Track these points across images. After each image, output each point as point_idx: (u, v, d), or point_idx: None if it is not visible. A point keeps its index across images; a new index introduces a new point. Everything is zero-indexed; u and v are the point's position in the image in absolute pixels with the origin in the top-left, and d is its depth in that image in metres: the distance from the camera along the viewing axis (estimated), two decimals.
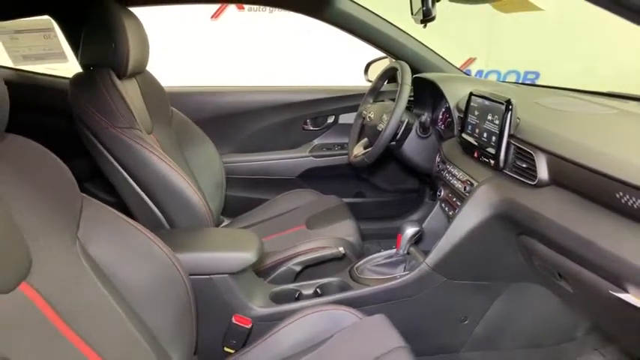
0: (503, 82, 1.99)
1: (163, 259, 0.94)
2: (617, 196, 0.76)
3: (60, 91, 1.65)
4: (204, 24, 3.95)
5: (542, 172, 0.95)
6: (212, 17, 4.04)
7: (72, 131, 1.25)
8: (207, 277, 1.11)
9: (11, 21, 1.66)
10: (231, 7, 4.01)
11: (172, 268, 0.94)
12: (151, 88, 1.48)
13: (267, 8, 4.00)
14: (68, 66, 1.78)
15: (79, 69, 1.38)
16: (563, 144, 0.91)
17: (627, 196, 0.75)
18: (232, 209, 1.81)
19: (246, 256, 1.12)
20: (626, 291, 0.74)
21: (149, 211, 1.26)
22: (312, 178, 1.99)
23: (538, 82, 3.85)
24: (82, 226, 0.84)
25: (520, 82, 3.89)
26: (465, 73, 2.00)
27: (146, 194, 1.25)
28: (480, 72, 3.94)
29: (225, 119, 1.88)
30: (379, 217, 2.07)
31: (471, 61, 3.95)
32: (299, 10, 1.79)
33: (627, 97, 1.31)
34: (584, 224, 0.82)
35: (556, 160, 0.92)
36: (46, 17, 1.61)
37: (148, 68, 1.47)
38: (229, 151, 1.92)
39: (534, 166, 0.97)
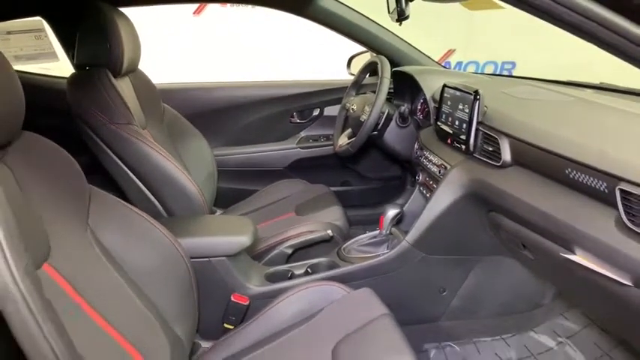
0: (478, 73, 2.10)
1: (166, 244, 1.02)
2: (567, 172, 0.88)
3: (56, 90, 1.71)
4: (186, 20, 3.96)
5: (506, 154, 1.07)
6: (194, 13, 4.05)
7: (67, 130, 1.31)
8: (207, 259, 1.21)
9: (2, 22, 1.71)
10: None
11: (175, 251, 1.03)
12: (143, 85, 1.56)
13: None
14: (60, 65, 1.83)
15: (69, 67, 1.44)
16: (523, 128, 1.03)
17: (574, 172, 0.87)
18: (224, 200, 1.90)
19: (242, 240, 1.22)
20: (574, 253, 0.86)
21: (148, 202, 1.35)
22: (299, 168, 2.08)
23: (514, 72, 4.00)
24: (91, 214, 0.92)
25: (497, 72, 4.03)
26: (442, 65, 2.11)
27: (145, 185, 1.33)
28: (459, 63, 4.06)
29: (215, 114, 1.96)
30: (364, 204, 2.18)
31: (450, 52, 4.07)
32: (282, 7, 1.87)
33: (585, 85, 1.44)
34: (541, 198, 0.94)
35: (517, 143, 1.04)
36: (37, 18, 1.66)
37: None
38: (220, 145, 2.00)
39: (499, 149, 1.09)
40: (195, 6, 4.03)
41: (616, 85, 1.41)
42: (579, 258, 0.84)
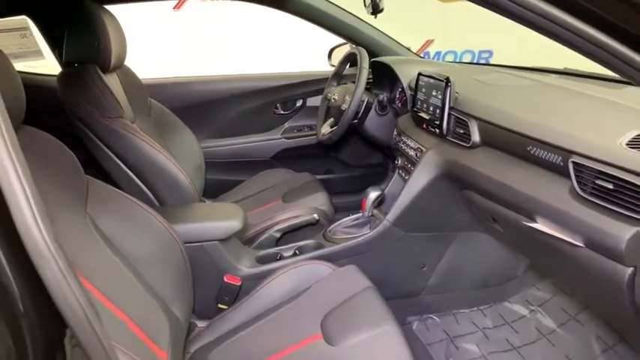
0: (455, 62, 2.18)
1: (161, 230, 1.08)
2: (528, 149, 0.98)
3: (44, 88, 1.74)
4: (166, 15, 3.95)
5: (475, 136, 1.16)
6: (174, 8, 4.03)
7: (58, 126, 1.35)
8: (200, 244, 1.27)
9: None
10: None
11: (169, 237, 1.09)
12: (130, 81, 1.60)
13: None
14: (46, 63, 1.86)
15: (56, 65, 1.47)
16: (489, 111, 1.12)
17: (535, 149, 0.96)
18: (212, 191, 1.96)
19: (233, 224, 1.29)
20: (535, 221, 0.95)
21: (140, 192, 1.40)
22: (284, 158, 2.15)
23: (491, 60, 4.10)
24: (90, 203, 0.97)
25: (475, 60, 4.13)
26: (420, 55, 2.19)
27: (137, 176, 1.39)
28: (438, 53, 4.14)
29: (200, 107, 2.01)
30: (348, 190, 2.25)
31: (429, 42, 4.15)
32: (262, 2, 1.93)
33: (550, 70, 1.54)
34: (506, 174, 1.03)
35: (485, 125, 1.13)
36: (22, 17, 1.68)
37: None
38: (206, 137, 2.05)
39: (469, 131, 1.18)
40: (175, 0, 4.01)
41: (579, 70, 1.51)
42: (540, 225, 0.94)
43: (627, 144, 0.81)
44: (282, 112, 2.15)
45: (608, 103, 1.02)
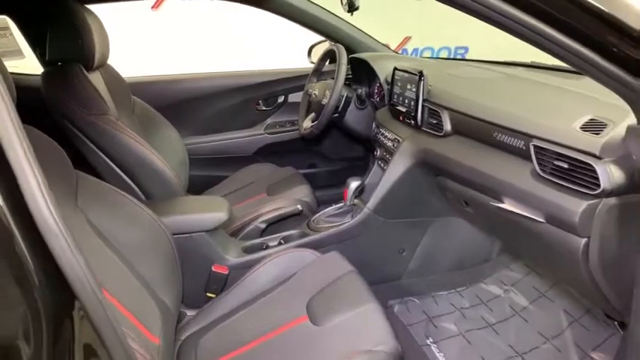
0: (431, 58, 2.26)
1: (150, 222, 1.12)
2: (494, 135, 1.05)
3: (25, 87, 1.74)
4: (145, 14, 3.93)
5: (447, 125, 1.24)
6: (153, 7, 4.01)
7: (42, 125, 1.37)
8: (188, 235, 1.32)
9: None
10: None
11: (158, 229, 1.13)
12: (113, 79, 1.63)
13: None
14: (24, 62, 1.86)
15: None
16: (459, 102, 1.20)
17: (500, 135, 1.04)
18: (196, 187, 1.99)
19: (219, 215, 1.34)
20: (502, 201, 1.03)
21: (127, 187, 1.44)
22: (267, 153, 2.19)
23: (467, 56, 4.21)
24: (80, 197, 1.01)
25: (451, 56, 4.24)
26: (395, 52, 2.26)
27: (123, 172, 1.42)
28: (416, 49, 4.23)
29: (183, 105, 2.04)
30: (331, 184, 2.31)
31: (407, 39, 4.24)
32: (242, 0, 1.97)
33: (518, 64, 1.62)
34: (475, 159, 1.11)
35: (455, 114, 1.20)
36: (2, 16, 1.69)
37: None
38: (189, 134, 2.08)
39: (441, 121, 1.25)
40: (153, 0, 3.99)
41: (544, 63, 1.60)
42: (506, 205, 1.02)
43: (581, 127, 0.89)
44: (264, 108, 2.20)
45: (566, 92, 1.11)
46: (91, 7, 1.47)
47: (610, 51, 0.69)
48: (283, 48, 3.31)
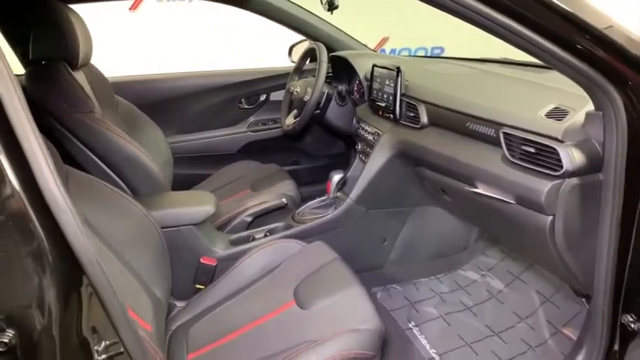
0: (408, 56, 2.34)
1: (140, 216, 1.15)
2: (467, 125, 1.12)
3: None
4: (122, 16, 3.89)
5: (424, 118, 1.31)
6: (130, 9, 3.98)
7: None
8: (176, 228, 1.35)
9: None
10: None
11: (148, 223, 1.16)
12: (96, 78, 1.64)
13: None
14: None
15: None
16: (435, 95, 1.27)
17: (472, 124, 1.11)
18: (180, 185, 2.00)
19: (207, 209, 1.37)
20: (475, 186, 1.10)
21: (114, 184, 1.45)
22: (250, 151, 2.23)
23: (443, 56, 4.33)
24: (70, 191, 1.03)
25: (428, 55, 4.35)
26: (373, 50, 2.33)
27: (110, 168, 1.44)
28: (393, 50, 4.32)
29: (166, 104, 2.06)
30: (314, 180, 2.36)
31: (385, 40, 4.33)
32: (223, 0, 2.00)
33: (490, 60, 1.71)
34: (450, 148, 1.18)
35: (431, 107, 1.27)
36: None
37: None
38: (172, 133, 2.10)
39: (418, 114, 1.32)
40: (131, 1, 3.96)
41: (515, 59, 1.69)
42: (480, 189, 1.09)
43: (545, 115, 0.97)
44: (246, 106, 2.23)
45: (533, 84, 1.19)
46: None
47: (574, 46, 0.77)
48: (262, 48, 3.35)
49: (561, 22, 0.75)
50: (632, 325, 0.94)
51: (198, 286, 1.39)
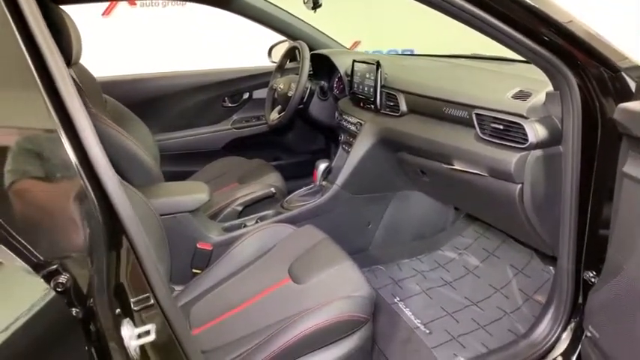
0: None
1: (140, 204, 1.21)
2: (443, 109, 1.24)
3: None
4: (95, 22, 3.88)
5: (403, 106, 1.42)
6: (103, 14, 3.97)
7: None
8: (173, 215, 1.41)
9: None
10: (123, 3, 3.98)
11: (148, 210, 1.22)
12: (85, 77, 1.68)
13: (160, 2, 4.06)
14: None
15: None
16: (412, 85, 1.39)
17: (448, 109, 1.23)
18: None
19: (201, 196, 1.44)
20: (452, 164, 1.22)
21: None
22: (235, 148, 2.30)
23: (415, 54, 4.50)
24: None
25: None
26: (350, 50, 2.45)
27: None
28: (366, 52, 4.46)
29: (152, 102, 2.11)
30: (296, 176, 2.44)
31: (357, 43, 4.47)
32: (203, 1, 2.07)
33: (461, 56, 1.85)
34: (428, 131, 1.30)
35: (410, 96, 1.39)
36: None
37: None
38: (158, 131, 2.14)
39: (398, 103, 1.44)
40: (104, 7, 3.96)
41: (484, 54, 1.83)
42: (456, 165, 1.21)
43: (512, 96, 1.10)
44: (230, 104, 2.30)
45: (501, 74, 1.33)
46: None
47: (537, 35, 0.90)
48: (238, 51, 3.41)
49: (527, 15, 0.88)
50: (593, 280, 1.07)
51: (195, 270, 1.45)
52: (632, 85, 0.89)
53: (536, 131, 1.01)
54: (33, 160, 0.60)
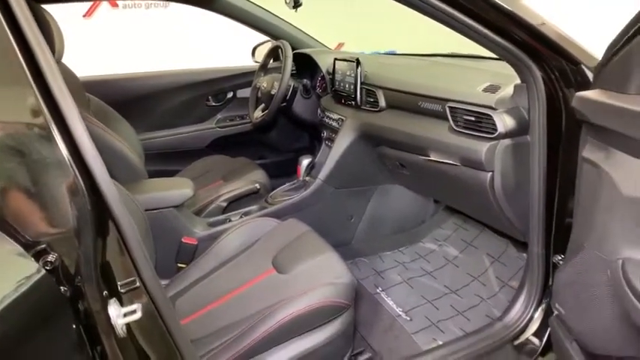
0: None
1: (126, 199, 1.23)
2: (419, 104, 1.30)
3: None
4: (76, 23, 3.85)
5: (382, 102, 1.48)
6: (84, 16, 3.94)
7: None
8: (158, 211, 1.43)
9: None
10: (104, 5, 3.96)
11: (132, 205, 1.24)
12: (67, 76, 1.70)
13: (143, 4, 4.06)
14: None
15: None
16: (391, 81, 1.44)
17: (424, 103, 1.28)
18: None
19: (186, 192, 1.47)
20: (428, 155, 1.28)
21: None
22: (219, 147, 2.32)
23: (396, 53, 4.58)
24: None
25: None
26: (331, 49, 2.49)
27: None
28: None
29: (136, 102, 2.12)
30: (281, 174, 2.47)
31: (340, 45, 4.53)
32: (186, 1, 2.10)
33: (440, 55, 1.91)
34: (406, 125, 1.35)
35: (388, 92, 1.44)
36: None
37: None
38: (142, 130, 2.16)
39: (377, 99, 1.49)
40: (86, 8, 3.93)
41: (461, 53, 1.90)
42: (432, 157, 1.26)
43: (482, 90, 1.15)
44: (213, 103, 2.33)
45: (474, 69, 1.39)
46: None
47: (513, 37, 0.96)
48: (222, 53, 3.44)
49: (498, 16, 0.93)
50: (562, 263, 1.13)
51: (180, 264, 1.47)
52: (591, 76, 0.95)
53: (504, 121, 1.07)
54: (23, 148, 0.63)
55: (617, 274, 0.77)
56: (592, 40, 1.02)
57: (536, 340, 1.21)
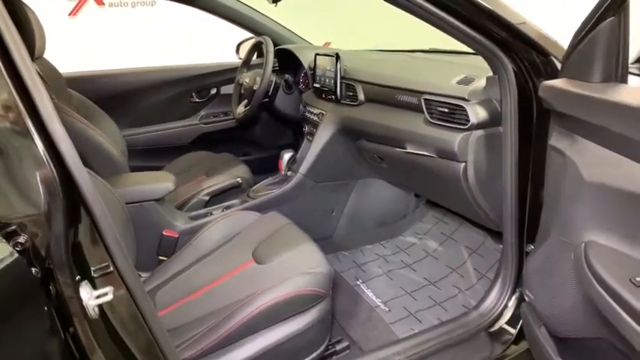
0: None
1: (105, 192, 1.23)
2: (396, 97, 1.32)
3: None
4: (61, 21, 3.82)
5: (361, 96, 1.50)
6: (70, 14, 3.91)
7: None
8: (139, 204, 1.43)
9: None
10: (90, 3, 3.94)
11: (112, 198, 1.24)
12: (50, 72, 1.69)
13: (129, 3, 4.03)
14: None
15: None
16: (369, 75, 1.46)
17: (400, 96, 1.31)
18: None
19: (167, 185, 1.47)
20: (405, 148, 1.30)
21: None
22: (203, 143, 2.32)
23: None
24: None
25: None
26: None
27: None
28: None
29: (119, 98, 2.11)
30: (265, 170, 2.48)
31: (327, 44, 4.56)
32: None
33: (420, 50, 1.94)
34: (384, 118, 1.37)
35: (367, 86, 1.47)
36: None
37: None
38: (125, 126, 2.15)
39: (356, 93, 1.51)
40: (71, 7, 3.90)
41: (442, 48, 1.92)
42: (409, 149, 1.29)
43: (457, 82, 1.18)
44: (197, 100, 2.33)
45: (450, 63, 1.42)
46: None
47: (491, 34, 0.98)
48: (208, 51, 3.44)
49: (486, 17, 0.96)
50: (532, 250, 1.16)
51: (161, 257, 1.48)
52: (559, 66, 0.98)
53: (476, 113, 1.09)
54: None
55: (580, 257, 0.79)
56: (563, 31, 1.06)
57: (510, 329, 1.24)
